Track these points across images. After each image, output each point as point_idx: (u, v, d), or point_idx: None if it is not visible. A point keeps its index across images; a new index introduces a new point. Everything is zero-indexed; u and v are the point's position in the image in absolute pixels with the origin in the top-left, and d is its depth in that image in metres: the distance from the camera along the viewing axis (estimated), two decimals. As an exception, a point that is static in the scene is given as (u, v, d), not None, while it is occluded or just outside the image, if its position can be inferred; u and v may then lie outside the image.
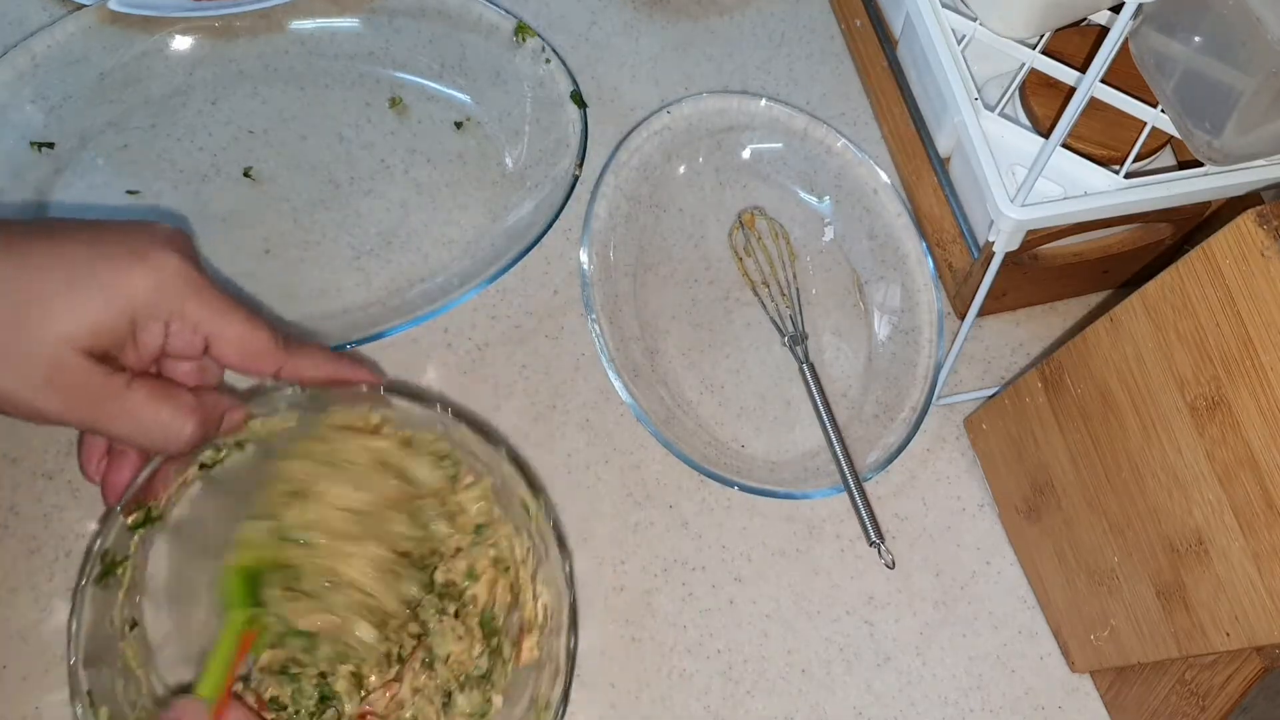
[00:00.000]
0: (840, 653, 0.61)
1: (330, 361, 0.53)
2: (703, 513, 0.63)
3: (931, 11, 0.60)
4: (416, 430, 0.56)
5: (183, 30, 0.70)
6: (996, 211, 0.55)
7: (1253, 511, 0.46)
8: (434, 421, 0.56)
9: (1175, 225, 0.65)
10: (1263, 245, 0.44)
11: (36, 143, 0.67)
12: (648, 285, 0.69)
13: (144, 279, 0.46)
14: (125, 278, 0.46)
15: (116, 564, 0.53)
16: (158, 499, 0.54)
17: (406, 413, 0.56)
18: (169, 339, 0.48)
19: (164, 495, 0.54)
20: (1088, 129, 0.59)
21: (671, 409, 0.65)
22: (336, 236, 0.68)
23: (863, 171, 0.70)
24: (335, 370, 0.53)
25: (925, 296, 0.67)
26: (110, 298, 0.45)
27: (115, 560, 0.53)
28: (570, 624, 0.55)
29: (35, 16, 0.70)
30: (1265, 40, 0.49)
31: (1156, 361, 0.49)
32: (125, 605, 0.53)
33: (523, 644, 0.56)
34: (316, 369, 0.53)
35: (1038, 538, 0.61)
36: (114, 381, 0.46)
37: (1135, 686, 0.58)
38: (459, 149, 0.71)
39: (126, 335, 0.47)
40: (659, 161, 0.70)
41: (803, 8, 0.78)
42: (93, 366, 0.45)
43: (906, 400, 0.65)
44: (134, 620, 0.54)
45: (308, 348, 0.53)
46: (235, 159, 0.69)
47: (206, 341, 0.49)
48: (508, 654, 0.56)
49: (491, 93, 0.71)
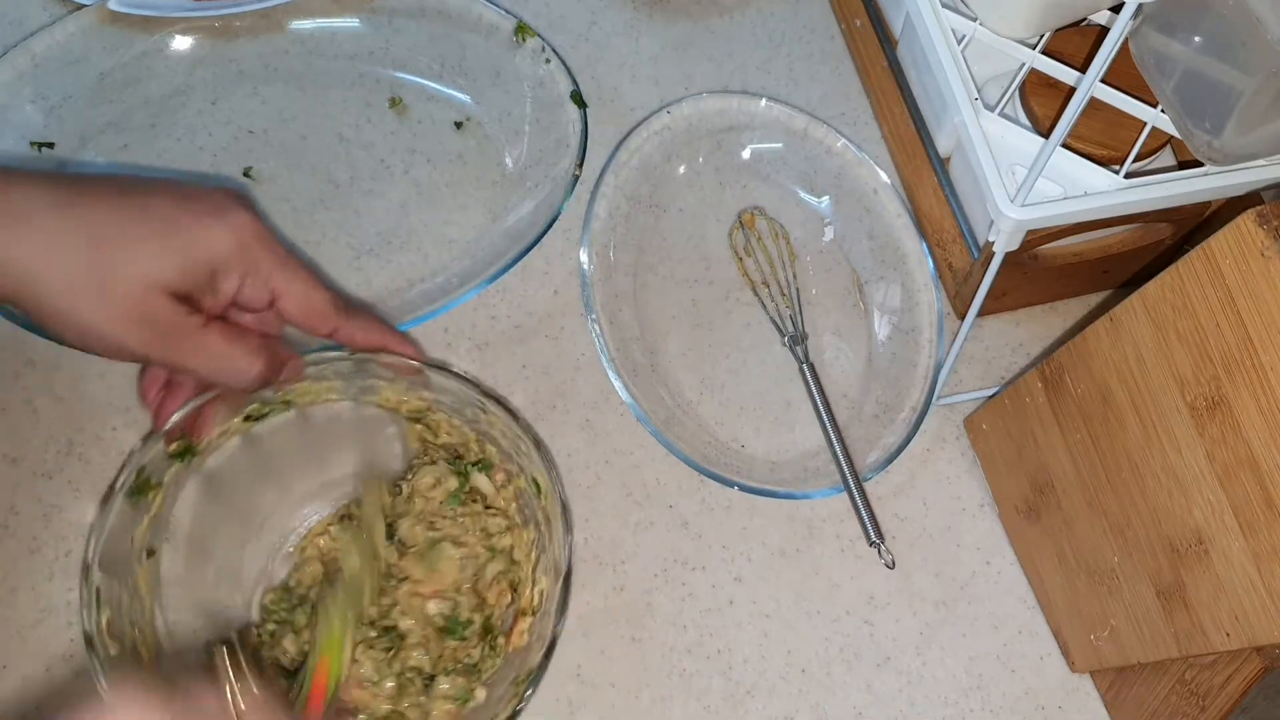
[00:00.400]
0: (840, 653, 0.61)
1: (381, 331, 0.57)
2: (703, 513, 0.63)
3: (931, 11, 0.60)
4: (450, 413, 0.58)
5: (183, 30, 0.70)
6: (996, 211, 0.55)
7: (1253, 511, 0.46)
8: (469, 401, 0.58)
9: (1175, 225, 0.65)
10: (1263, 245, 0.44)
11: (36, 143, 0.67)
12: (648, 285, 0.69)
13: (225, 233, 0.50)
14: (209, 231, 0.50)
15: (149, 486, 0.54)
16: (199, 438, 0.56)
17: (444, 389, 0.58)
18: (241, 290, 0.52)
19: (205, 436, 0.56)
20: (1088, 129, 0.59)
21: (671, 409, 0.65)
22: (336, 236, 0.68)
23: (863, 171, 0.70)
24: (384, 339, 0.57)
25: (925, 296, 0.67)
26: (194, 247, 0.50)
27: (149, 482, 0.54)
28: (560, 608, 0.55)
29: (35, 16, 0.70)
30: (1265, 40, 0.49)
31: (1156, 361, 0.49)
32: (149, 532, 0.55)
33: (513, 630, 0.56)
34: (369, 336, 0.56)
35: (1038, 538, 0.61)
36: (192, 320, 0.50)
37: (1135, 686, 0.58)
38: (459, 149, 0.71)
39: (205, 283, 0.51)
40: (659, 161, 0.70)
41: (803, 8, 0.78)
42: (175, 305, 0.50)
43: (906, 400, 0.65)
44: (152, 549, 0.55)
45: (363, 314, 0.57)
46: (235, 159, 0.69)
47: (273, 295, 0.53)
48: (499, 646, 0.56)
49: (491, 93, 0.71)
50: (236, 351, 0.52)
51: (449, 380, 0.57)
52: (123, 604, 0.53)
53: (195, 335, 0.51)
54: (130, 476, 0.54)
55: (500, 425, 0.57)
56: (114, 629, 0.52)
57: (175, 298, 0.50)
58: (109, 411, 0.63)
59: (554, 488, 0.56)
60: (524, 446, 0.57)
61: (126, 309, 0.49)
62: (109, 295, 0.48)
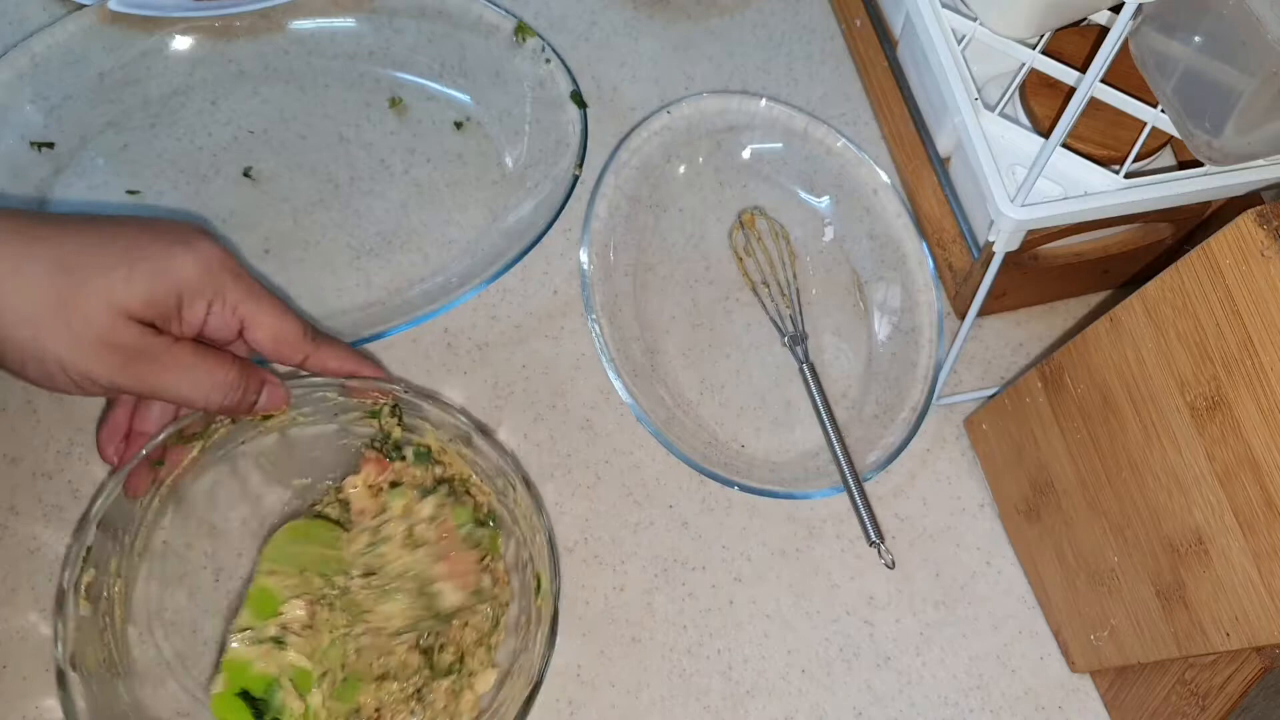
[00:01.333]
0: (840, 653, 0.61)
1: (353, 358, 0.57)
2: (703, 513, 0.63)
3: (931, 11, 0.60)
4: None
5: (183, 30, 0.70)
6: (996, 211, 0.55)
7: (1253, 511, 0.46)
8: (449, 425, 0.58)
9: (1175, 225, 0.65)
10: (1263, 245, 0.44)
11: (36, 143, 0.67)
12: (648, 285, 0.69)
13: (191, 260, 0.50)
14: (175, 259, 0.50)
15: (162, 461, 0.56)
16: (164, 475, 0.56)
17: (425, 415, 0.58)
18: (208, 319, 0.52)
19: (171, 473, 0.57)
20: (1088, 129, 0.59)
21: (671, 409, 0.65)
22: (336, 236, 0.68)
23: (863, 171, 0.70)
24: (357, 366, 0.57)
25: (925, 296, 0.67)
26: (161, 274, 0.49)
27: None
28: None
29: (35, 16, 0.70)
30: (1265, 40, 0.49)
31: (1156, 361, 0.49)
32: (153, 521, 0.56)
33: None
34: (340, 363, 0.56)
35: (1038, 538, 0.61)
36: (162, 339, 0.50)
37: (1135, 686, 0.58)
38: (459, 149, 0.71)
39: (172, 310, 0.50)
40: (659, 161, 0.70)
41: (803, 8, 0.78)
42: (143, 329, 0.49)
43: (906, 400, 0.65)
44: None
45: (333, 342, 0.57)
46: (235, 159, 0.69)
47: (241, 324, 0.52)
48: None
49: (491, 93, 0.71)
50: (209, 362, 0.51)
51: (430, 406, 0.58)
52: (109, 566, 0.54)
53: (165, 352, 0.50)
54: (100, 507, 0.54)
55: (483, 458, 0.58)
56: (93, 590, 0.53)
57: (142, 325, 0.49)
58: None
59: (552, 587, 0.55)
60: (539, 539, 0.57)
61: (93, 336, 0.48)
62: (74, 322, 0.47)
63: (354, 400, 0.58)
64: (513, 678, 0.55)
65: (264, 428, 0.59)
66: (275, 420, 0.58)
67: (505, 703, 0.54)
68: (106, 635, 0.53)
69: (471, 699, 0.56)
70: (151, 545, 0.57)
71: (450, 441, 0.59)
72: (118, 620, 0.54)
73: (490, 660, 0.57)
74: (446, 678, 0.56)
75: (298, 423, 0.59)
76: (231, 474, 0.59)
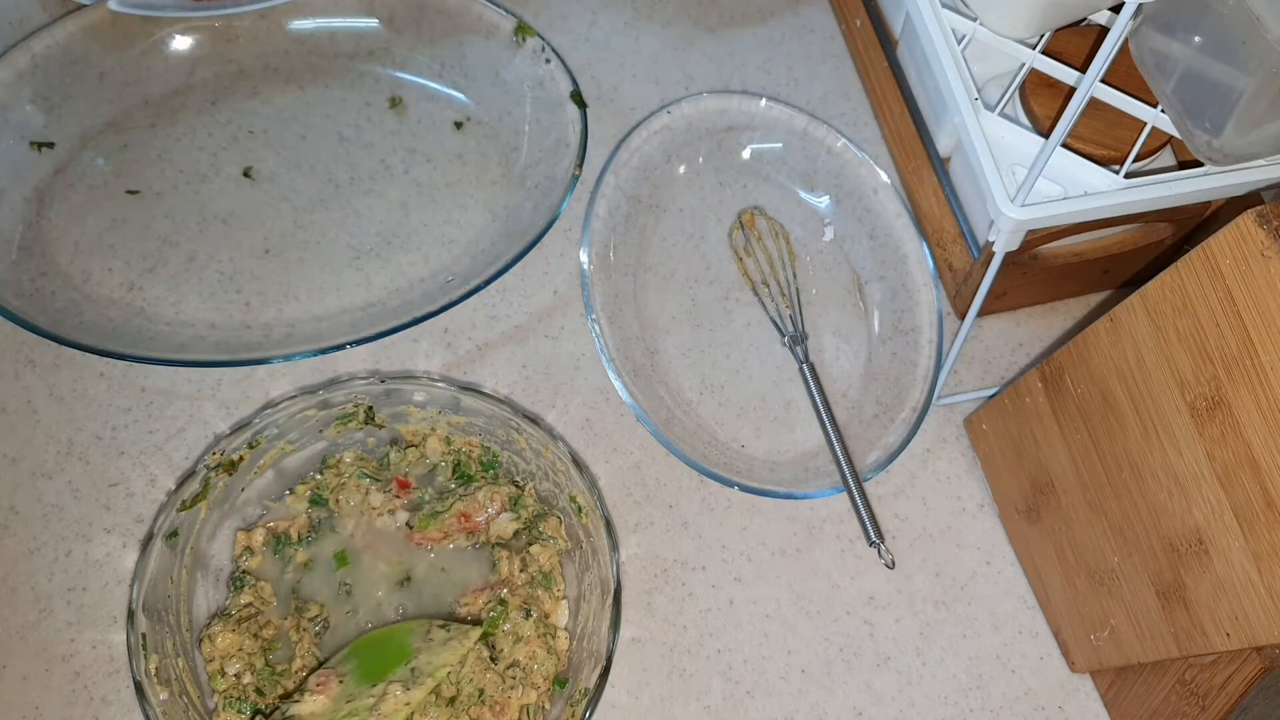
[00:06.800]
0: (840, 653, 0.61)
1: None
2: (703, 513, 0.64)
3: (931, 11, 0.60)
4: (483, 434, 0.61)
5: (183, 30, 0.70)
6: (996, 211, 0.55)
7: (1253, 511, 0.46)
8: (501, 422, 0.59)
9: (1175, 225, 0.65)
10: (1263, 245, 0.44)
11: (36, 143, 0.67)
12: (648, 285, 0.69)
13: None
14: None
15: (176, 532, 0.56)
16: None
17: (476, 413, 0.60)
18: None
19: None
20: (1088, 129, 0.59)
21: (671, 409, 0.65)
22: (336, 236, 0.68)
23: (863, 171, 0.70)
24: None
25: (925, 296, 0.67)
26: None
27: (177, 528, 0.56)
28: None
29: (35, 16, 0.70)
30: (1265, 40, 0.49)
31: (1156, 362, 0.49)
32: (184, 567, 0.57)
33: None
34: None
35: (1038, 538, 0.61)
36: None
37: (1135, 686, 0.58)
38: (459, 149, 0.71)
39: None
40: (659, 161, 0.70)
41: (803, 8, 0.78)
42: None
43: (906, 400, 0.65)
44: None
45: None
46: (235, 159, 0.69)
47: None
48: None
49: (491, 93, 0.71)
50: None
51: (481, 402, 0.59)
52: (166, 648, 0.55)
53: None
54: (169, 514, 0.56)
55: (531, 447, 0.60)
56: (161, 674, 0.54)
57: None
58: (109, 411, 0.63)
59: (592, 500, 0.58)
60: (559, 465, 0.59)
61: None
62: None
63: (335, 410, 0.59)
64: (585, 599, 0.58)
65: (257, 468, 0.59)
66: (269, 456, 0.59)
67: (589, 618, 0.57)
68: (190, 713, 0.54)
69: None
70: (194, 618, 0.57)
71: (440, 414, 0.59)
72: (193, 695, 0.55)
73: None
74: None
75: (288, 452, 0.60)
76: (242, 525, 0.60)
